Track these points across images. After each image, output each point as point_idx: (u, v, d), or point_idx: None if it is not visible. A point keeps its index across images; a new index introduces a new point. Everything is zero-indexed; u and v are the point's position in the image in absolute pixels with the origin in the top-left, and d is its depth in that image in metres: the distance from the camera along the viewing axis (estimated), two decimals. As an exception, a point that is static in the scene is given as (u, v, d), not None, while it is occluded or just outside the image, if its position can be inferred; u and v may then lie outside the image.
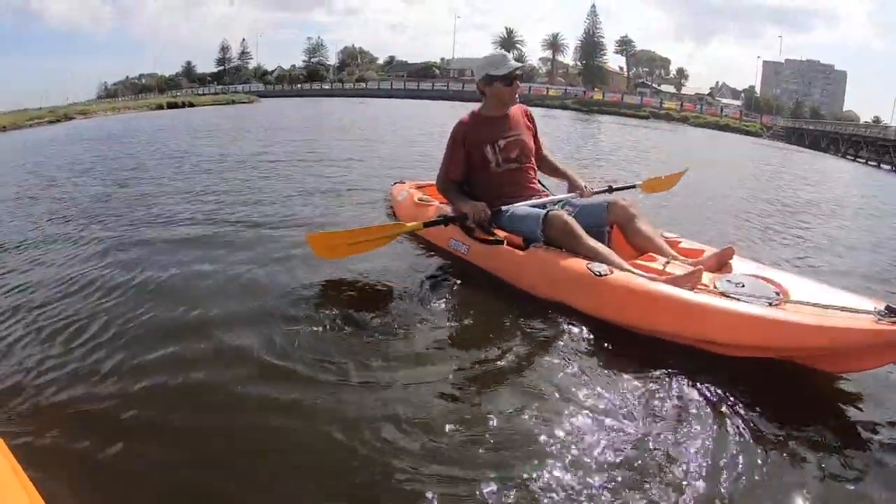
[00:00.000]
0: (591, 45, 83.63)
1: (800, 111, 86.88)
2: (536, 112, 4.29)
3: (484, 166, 3.61)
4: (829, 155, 38.78)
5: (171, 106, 34.05)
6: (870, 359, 2.25)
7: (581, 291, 2.89)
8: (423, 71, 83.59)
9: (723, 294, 2.68)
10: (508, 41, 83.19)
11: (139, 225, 4.71)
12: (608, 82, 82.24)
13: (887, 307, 2.19)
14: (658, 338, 2.64)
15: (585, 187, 3.73)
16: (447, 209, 3.90)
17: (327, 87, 69.12)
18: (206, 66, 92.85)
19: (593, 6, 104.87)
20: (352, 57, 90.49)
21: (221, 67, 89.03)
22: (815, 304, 2.46)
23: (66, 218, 5.12)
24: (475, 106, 3.79)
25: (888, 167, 32.49)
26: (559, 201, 3.58)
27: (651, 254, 3.17)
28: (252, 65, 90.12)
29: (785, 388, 2.38)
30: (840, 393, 2.39)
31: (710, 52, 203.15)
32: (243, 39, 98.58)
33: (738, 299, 2.60)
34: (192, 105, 34.48)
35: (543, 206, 3.45)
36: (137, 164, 8.74)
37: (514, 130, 3.67)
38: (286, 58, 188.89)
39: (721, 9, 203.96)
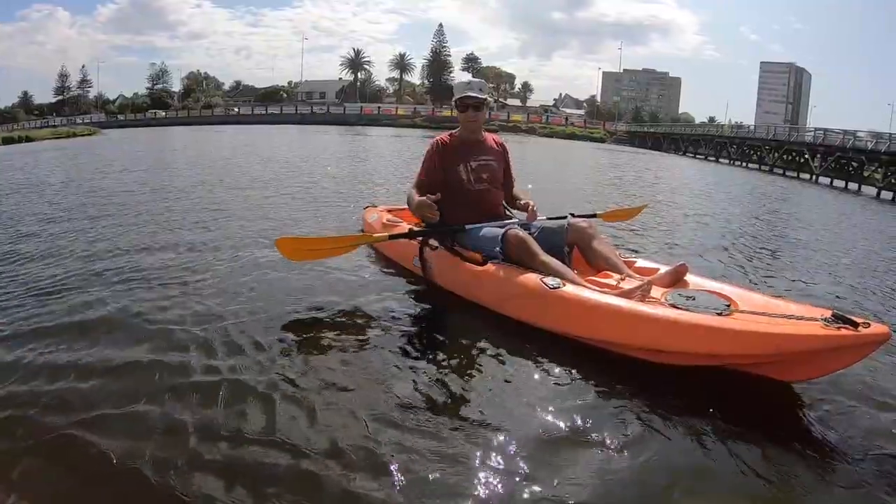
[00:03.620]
0: (438, 64, 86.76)
1: (640, 116, 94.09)
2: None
3: (456, 183, 3.74)
4: (671, 154, 43.75)
5: (8, 141, 29.48)
6: (817, 365, 2.32)
7: (534, 303, 3.00)
8: (271, 95, 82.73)
9: (672, 306, 2.73)
10: (356, 62, 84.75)
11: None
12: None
13: (833, 314, 2.25)
14: (608, 350, 2.74)
15: (533, 208, 3.77)
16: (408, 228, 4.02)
17: (173, 114, 65.50)
18: (45, 95, 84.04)
19: (440, 26, 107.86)
20: (197, 83, 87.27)
21: (61, 97, 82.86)
22: (763, 314, 2.52)
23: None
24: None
25: (725, 161, 37.85)
26: (520, 223, 3.69)
27: (607, 271, 3.29)
28: (93, 93, 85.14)
29: (734, 398, 2.44)
30: (788, 401, 2.47)
31: (553, 65, 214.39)
32: (83, 66, 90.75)
33: (687, 310, 2.66)
34: (29, 139, 30.12)
35: (503, 226, 3.56)
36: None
37: (486, 156, 3.85)
38: (129, 85, 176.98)
39: (562, 27, 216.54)
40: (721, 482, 1.95)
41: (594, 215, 4.30)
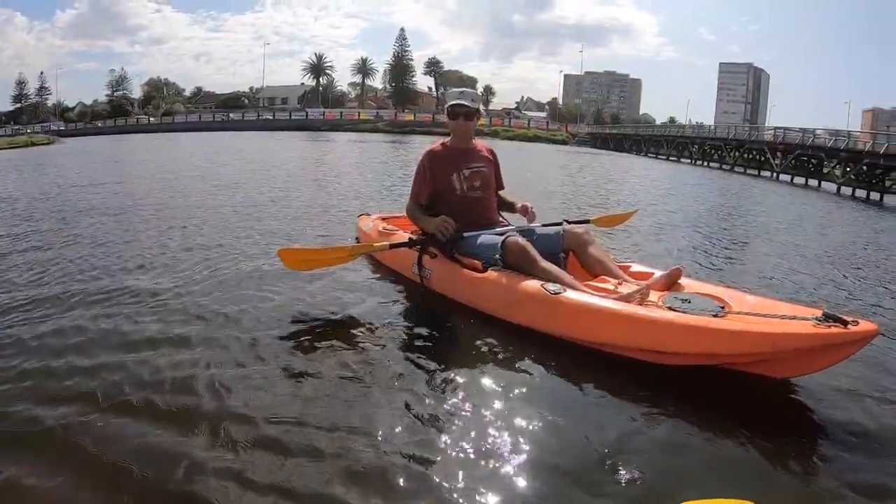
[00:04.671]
0: (400, 68, 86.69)
1: (601, 118, 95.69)
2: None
3: (450, 192, 3.78)
4: (633, 155, 44.26)
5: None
6: (810, 362, 2.42)
7: (536, 309, 3.05)
8: (232, 101, 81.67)
9: (670, 309, 2.82)
10: (318, 67, 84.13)
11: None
12: (418, 103, 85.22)
13: (824, 314, 2.34)
14: (608, 352, 2.80)
15: (531, 209, 3.85)
16: (409, 237, 4.05)
17: (133, 122, 64.21)
18: (2, 103, 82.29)
19: (402, 30, 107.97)
20: (157, 89, 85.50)
21: (18, 105, 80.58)
22: (757, 315, 2.60)
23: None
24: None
25: (687, 161, 38.34)
26: (518, 230, 3.72)
27: (603, 276, 3.33)
28: (51, 101, 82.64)
29: (730, 396, 2.52)
30: (783, 398, 2.56)
31: (514, 68, 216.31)
32: (41, 73, 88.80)
33: (684, 313, 2.75)
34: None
35: (502, 233, 3.59)
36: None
37: (477, 163, 3.89)
38: (89, 92, 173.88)
39: (523, 29, 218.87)
40: (719, 476, 2.01)
41: (587, 221, 4.27)
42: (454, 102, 3.82)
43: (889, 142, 24.09)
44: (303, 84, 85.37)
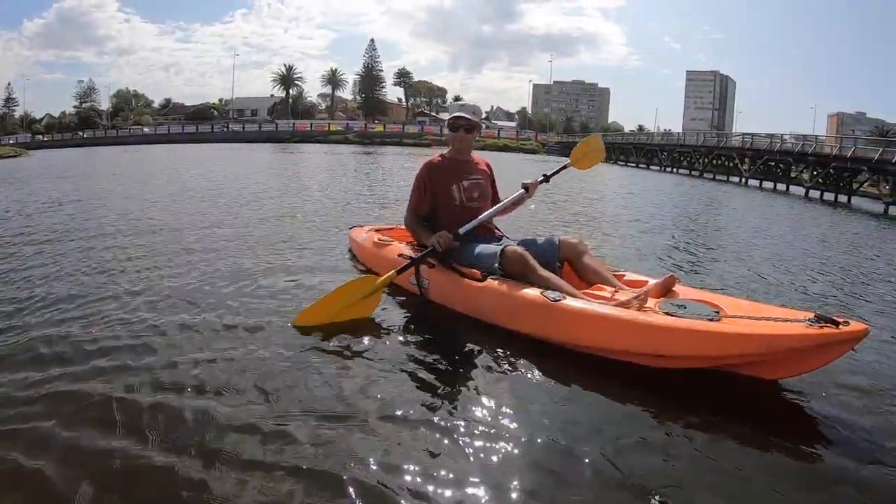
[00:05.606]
0: (370, 79, 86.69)
1: (571, 126, 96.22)
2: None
3: (448, 203, 3.85)
4: (603, 163, 44.01)
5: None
6: (804, 362, 2.49)
7: (537, 316, 3.08)
8: (202, 113, 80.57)
9: (667, 314, 2.85)
10: (288, 78, 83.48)
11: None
12: (388, 113, 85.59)
13: (816, 315, 2.44)
14: (608, 357, 2.84)
15: (532, 183, 3.97)
16: (405, 248, 4.12)
17: (101, 134, 62.00)
18: None
19: (371, 41, 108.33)
20: (126, 101, 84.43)
21: None
22: (752, 318, 2.67)
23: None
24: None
25: (656, 168, 38.81)
26: (514, 241, 3.76)
27: (599, 285, 3.36)
28: (18, 112, 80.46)
29: (726, 398, 2.58)
30: (777, 398, 2.63)
31: (483, 78, 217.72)
32: (9, 84, 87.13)
33: (681, 318, 2.79)
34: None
35: (499, 242, 3.71)
36: None
37: (476, 175, 3.97)
38: (56, 104, 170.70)
39: (492, 40, 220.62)
40: (719, 477, 2.02)
41: (565, 167, 4.25)
42: (456, 114, 3.92)
43: (855, 145, 24.61)
44: (272, 95, 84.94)
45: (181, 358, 2.81)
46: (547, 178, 4.12)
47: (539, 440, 2.18)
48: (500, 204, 3.91)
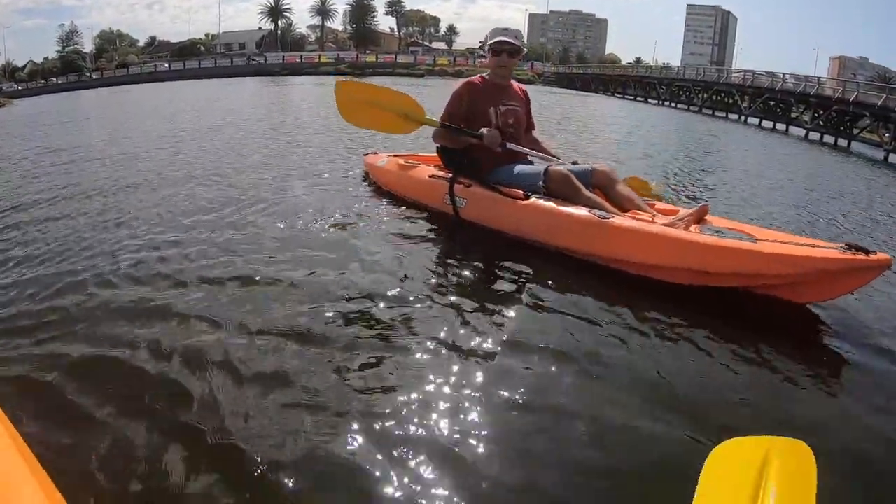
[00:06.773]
0: (361, 9, 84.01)
1: (567, 58, 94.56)
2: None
3: (485, 125, 3.78)
4: (600, 94, 44.09)
5: None
6: (832, 287, 2.58)
7: (586, 234, 3.13)
8: (188, 49, 77.78)
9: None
10: (276, 10, 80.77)
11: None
12: (380, 44, 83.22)
13: (847, 244, 2.52)
14: (652, 276, 2.93)
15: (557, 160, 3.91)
16: (434, 170, 4.17)
17: (86, 78, 59.65)
18: None
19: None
20: (110, 42, 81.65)
21: None
22: (784, 242, 2.75)
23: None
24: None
25: (654, 101, 38.44)
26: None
27: (634, 211, 3.34)
28: (0, 61, 76.30)
29: (759, 318, 2.68)
30: (805, 321, 2.71)
31: (478, 7, 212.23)
32: None
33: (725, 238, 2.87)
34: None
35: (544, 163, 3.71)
36: None
37: (513, 101, 3.97)
38: (39, 50, 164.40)
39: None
40: (762, 411, 1.99)
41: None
42: (499, 38, 3.88)
43: (858, 90, 24.24)
44: (260, 28, 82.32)
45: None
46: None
47: (580, 366, 2.14)
48: (542, 154, 3.88)
